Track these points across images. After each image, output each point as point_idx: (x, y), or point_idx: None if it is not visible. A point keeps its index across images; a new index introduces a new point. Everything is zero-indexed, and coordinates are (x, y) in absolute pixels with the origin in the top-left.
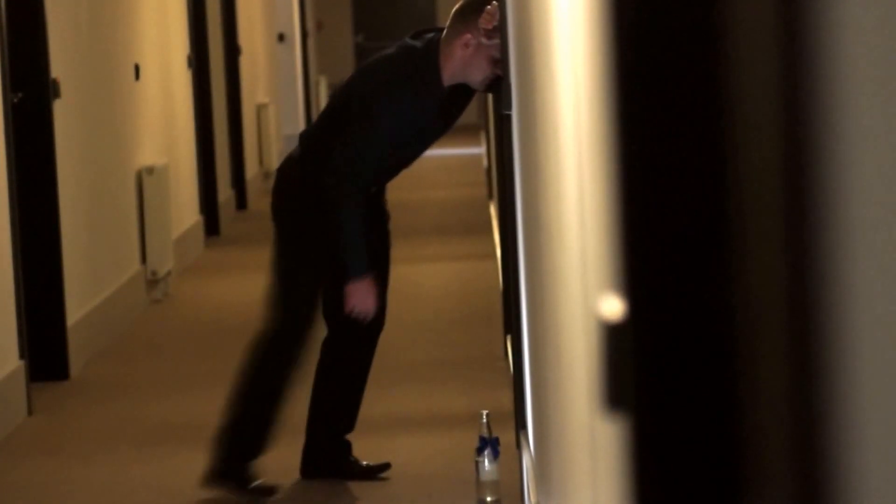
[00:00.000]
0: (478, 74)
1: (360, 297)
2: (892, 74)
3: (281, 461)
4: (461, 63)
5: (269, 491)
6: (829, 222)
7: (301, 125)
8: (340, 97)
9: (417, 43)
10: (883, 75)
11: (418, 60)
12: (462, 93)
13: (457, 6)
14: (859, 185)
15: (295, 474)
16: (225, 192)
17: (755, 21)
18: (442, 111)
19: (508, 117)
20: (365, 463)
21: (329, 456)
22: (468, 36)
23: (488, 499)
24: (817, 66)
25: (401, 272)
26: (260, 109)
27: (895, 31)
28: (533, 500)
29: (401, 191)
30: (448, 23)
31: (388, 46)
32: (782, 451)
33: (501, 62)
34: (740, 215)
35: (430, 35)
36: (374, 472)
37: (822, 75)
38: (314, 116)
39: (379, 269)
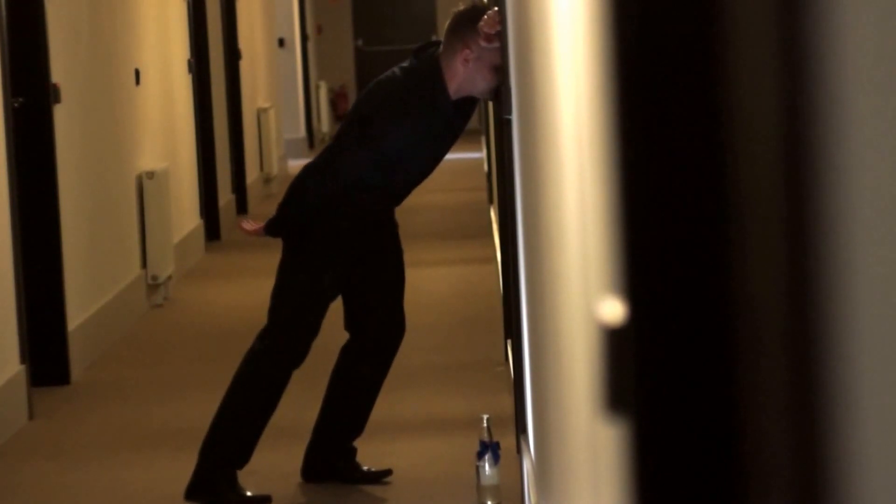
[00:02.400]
0: (482, 85)
1: (257, 232)
2: (891, 74)
3: (282, 464)
4: (465, 77)
5: (259, 501)
6: (831, 225)
7: (301, 129)
8: (346, 119)
9: (419, 63)
10: (883, 75)
11: (424, 80)
12: (466, 104)
13: (449, 21)
14: (861, 188)
15: (295, 477)
16: (225, 196)
17: (755, 26)
18: (449, 126)
19: (508, 122)
20: (366, 468)
21: (333, 459)
22: (467, 51)
23: (489, 503)
24: (817, 69)
25: None
26: (260, 114)
27: (894, 30)
28: None
29: None
30: (444, 38)
31: (387, 49)
32: (783, 454)
33: (502, 67)
34: (741, 219)
35: (431, 51)
36: (376, 478)
37: (822, 78)
38: (314, 120)
39: (393, 278)
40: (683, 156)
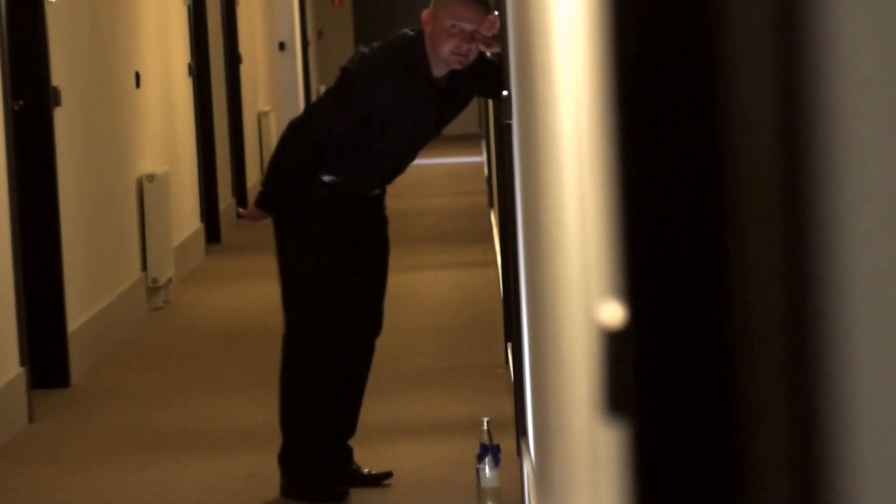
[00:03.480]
0: (443, 49)
1: (251, 214)
2: (890, 74)
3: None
4: (430, 39)
5: (340, 495)
6: (830, 227)
7: None
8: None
9: (412, 32)
10: (881, 75)
11: (407, 44)
12: (461, 92)
13: None
14: (861, 191)
15: None
16: (226, 199)
17: (754, 30)
18: (435, 101)
19: (509, 126)
20: (367, 470)
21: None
22: (426, 11)
23: None
24: (817, 71)
25: (401, 280)
26: (261, 117)
27: (894, 30)
28: None
29: (401, 199)
30: None
31: None
32: (782, 456)
33: (503, 67)
34: (740, 222)
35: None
36: (376, 480)
37: (822, 80)
38: None
39: (375, 274)
40: (683, 160)
